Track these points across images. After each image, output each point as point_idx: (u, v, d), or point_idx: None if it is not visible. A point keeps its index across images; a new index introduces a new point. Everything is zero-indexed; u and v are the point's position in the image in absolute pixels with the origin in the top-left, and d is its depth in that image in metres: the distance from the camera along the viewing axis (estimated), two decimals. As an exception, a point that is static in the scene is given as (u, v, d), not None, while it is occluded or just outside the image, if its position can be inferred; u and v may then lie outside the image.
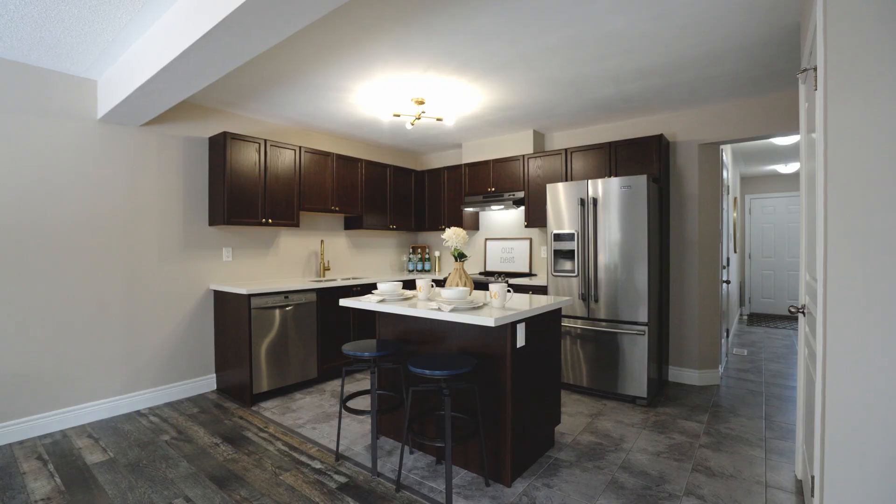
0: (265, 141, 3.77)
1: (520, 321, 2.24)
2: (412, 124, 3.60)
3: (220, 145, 3.56)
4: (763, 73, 3.04)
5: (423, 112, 3.35)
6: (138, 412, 3.21)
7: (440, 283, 4.87)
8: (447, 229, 2.70)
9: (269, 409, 3.28)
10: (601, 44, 2.61)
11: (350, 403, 3.39)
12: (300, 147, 4.05)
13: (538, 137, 4.64)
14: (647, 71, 3.01)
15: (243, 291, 3.30)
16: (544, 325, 2.52)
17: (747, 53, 2.74)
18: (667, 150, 3.87)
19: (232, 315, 3.51)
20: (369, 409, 3.26)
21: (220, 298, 3.64)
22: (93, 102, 3.05)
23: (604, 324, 3.49)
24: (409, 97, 3.48)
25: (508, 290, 2.39)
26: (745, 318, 7.24)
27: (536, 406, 2.46)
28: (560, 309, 2.67)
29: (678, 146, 3.92)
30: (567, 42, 2.59)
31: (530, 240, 4.77)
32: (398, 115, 3.42)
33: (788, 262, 7.28)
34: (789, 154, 5.72)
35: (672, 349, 3.95)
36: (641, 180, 3.30)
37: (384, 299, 2.55)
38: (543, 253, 4.68)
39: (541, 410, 2.51)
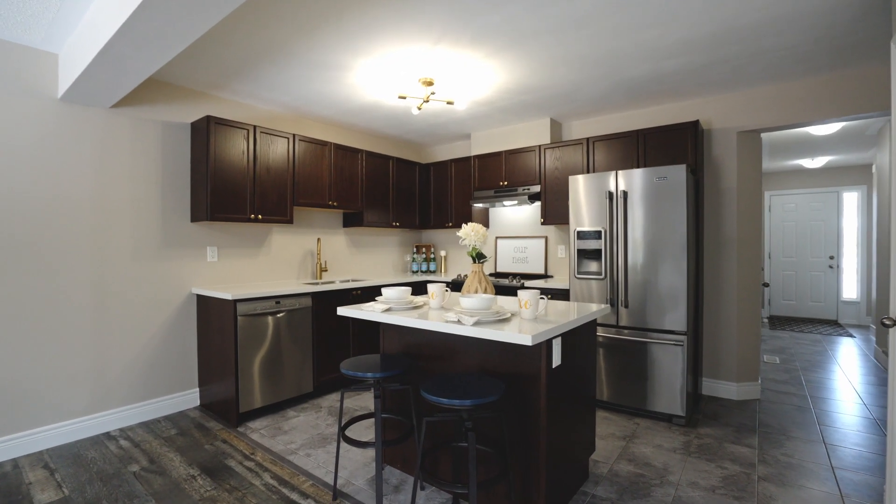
0: (254, 127, 3.37)
1: (556, 336, 1.85)
2: (419, 108, 3.20)
3: (203, 131, 3.16)
4: (822, 46, 2.65)
5: (433, 93, 2.96)
6: (107, 434, 2.81)
7: (454, 288, 4.48)
8: (464, 225, 2.31)
9: (258, 430, 2.89)
10: (641, 9, 2.22)
11: (351, 429, 2.99)
12: (294, 135, 3.65)
13: (555, 127, 4.25)
14: (690, 44, 2.62)
15: (228, 297, 2.91)
16: (579, 339, 2.13)
17: (813, 21, 2.35)
18: (701, 138, 3.49)
19: (216, 323, 3.11)
20: (373, 438, 2.87)
21: (204, 304, 3.25)
22: (53, 79, 2.65)
23: (634, 332, 3.11)
24: (416, 77, 3.09)
25: (542, 298, 2.00)
26: (766, 321, 6.87)
27: (571, 434, 2.07)
28: (595, 319, 2.28)
29: (713, 134, 3.54)
30: (601, 6, 2.20)
31: (545, 238, 4.39)
32: (404, 97, 3.03)
33: (811, 263, 6.91)
34: (824, 145, 5.33)
35: (706, 359, 3.57)
36: (679, 170, 2.91)
37: (390, 308, 2.16)
38: (561, 252, 4.30)
39: (576, 439, 2.12)
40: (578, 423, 2.15)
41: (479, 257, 2.33)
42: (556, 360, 1.88)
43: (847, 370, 4.22)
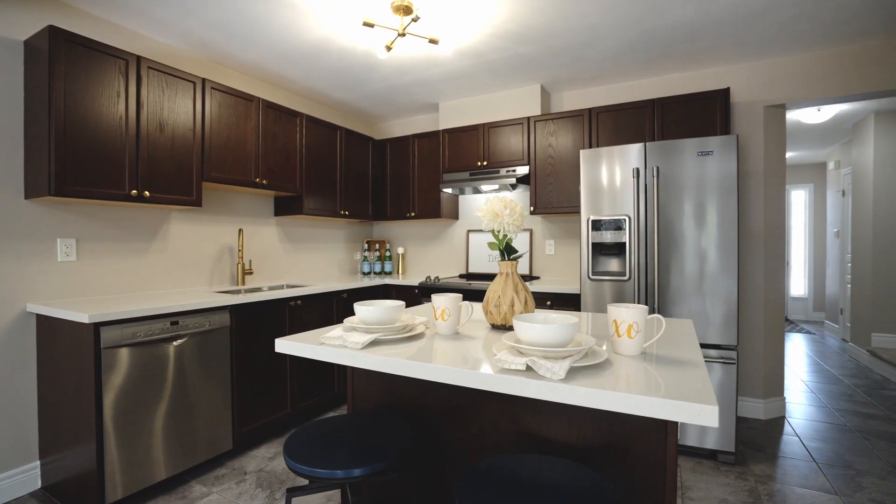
0: (138, 59, 2.23)
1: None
2: (389, 48, 2.29)
3: (43, 54, 1.98)
4: (899, -6, 2.17)
5: (415, 20, 2.07)
6: None
7: (425, 295, 3.58)
8: (488, 200, 1.47)
9: (138, 530, 1.81)
10: None
11: None
12: (204, 80, 2.54)
13: (544, 97, 3.53)
14: (762, -28, 2.00)
15: (83, 318, 1.79)
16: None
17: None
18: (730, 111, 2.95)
19: (67, 358, 1.95)
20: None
21: (48, 328, 2.06)
22: None
23: (667, 348, 2.46)
24: (388, 1, 2.18)
25: (654, 316, 1.21)
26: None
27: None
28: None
29: (737, 108, 3.02)
30: None
31: (531, 232, 3.66)
32: (370, 25, 2.10)
33: (763, 260, 6.95)
34: (796, 139, 5.16)
35: (726, 373, 3.04)
36: (729, 143, 2.30)
37: (376, 339, 1.25)
38: (549, 249, 3.59)
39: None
40: None
41: (508, 252, 1.49)
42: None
43: (837, 372, 3.98)
